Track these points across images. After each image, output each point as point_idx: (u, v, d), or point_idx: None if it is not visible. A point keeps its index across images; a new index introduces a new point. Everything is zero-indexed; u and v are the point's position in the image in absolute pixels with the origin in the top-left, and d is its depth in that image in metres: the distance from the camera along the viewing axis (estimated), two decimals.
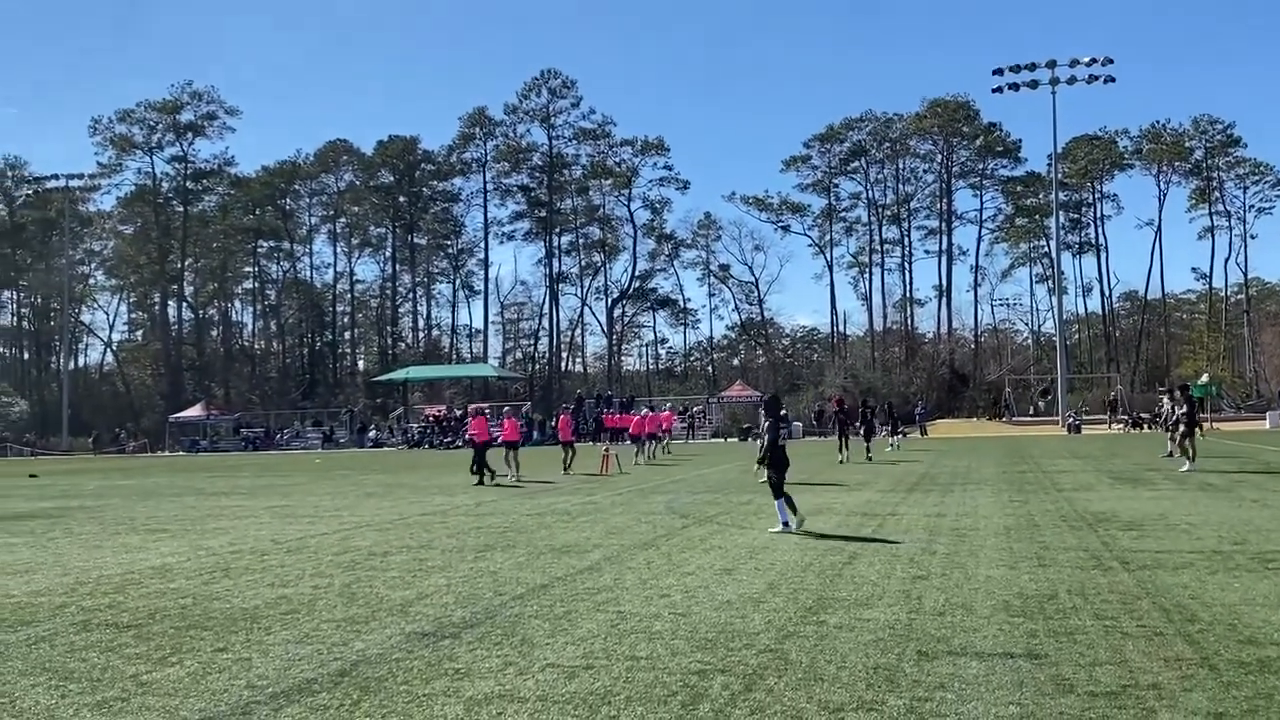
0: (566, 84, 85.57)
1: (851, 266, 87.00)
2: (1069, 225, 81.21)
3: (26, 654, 6.83)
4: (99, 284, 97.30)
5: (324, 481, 25.91)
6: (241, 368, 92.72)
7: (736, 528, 12.92)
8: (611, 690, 5.58)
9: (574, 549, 11.30)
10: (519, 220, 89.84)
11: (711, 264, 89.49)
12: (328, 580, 9.54)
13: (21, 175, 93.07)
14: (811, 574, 9.13)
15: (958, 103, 79.61)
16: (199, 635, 7.25)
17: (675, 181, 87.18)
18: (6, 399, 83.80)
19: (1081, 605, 7.53)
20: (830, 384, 66.74)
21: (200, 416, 69.80)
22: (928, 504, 15.32)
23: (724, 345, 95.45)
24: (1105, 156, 79.80)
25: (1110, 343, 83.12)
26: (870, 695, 5.37)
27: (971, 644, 6.43)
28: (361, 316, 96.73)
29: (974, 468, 23.88)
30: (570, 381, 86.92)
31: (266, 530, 14.19)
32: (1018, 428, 55.04)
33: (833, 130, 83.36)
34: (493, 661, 6.26)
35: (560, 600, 8.20)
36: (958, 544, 10.86)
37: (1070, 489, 17.45)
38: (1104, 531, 11.65)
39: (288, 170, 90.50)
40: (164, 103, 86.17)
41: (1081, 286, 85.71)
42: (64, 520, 16.82)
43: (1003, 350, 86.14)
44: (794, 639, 6.65)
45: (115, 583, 9.77)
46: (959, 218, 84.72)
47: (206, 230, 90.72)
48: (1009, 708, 5.12)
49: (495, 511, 16.08)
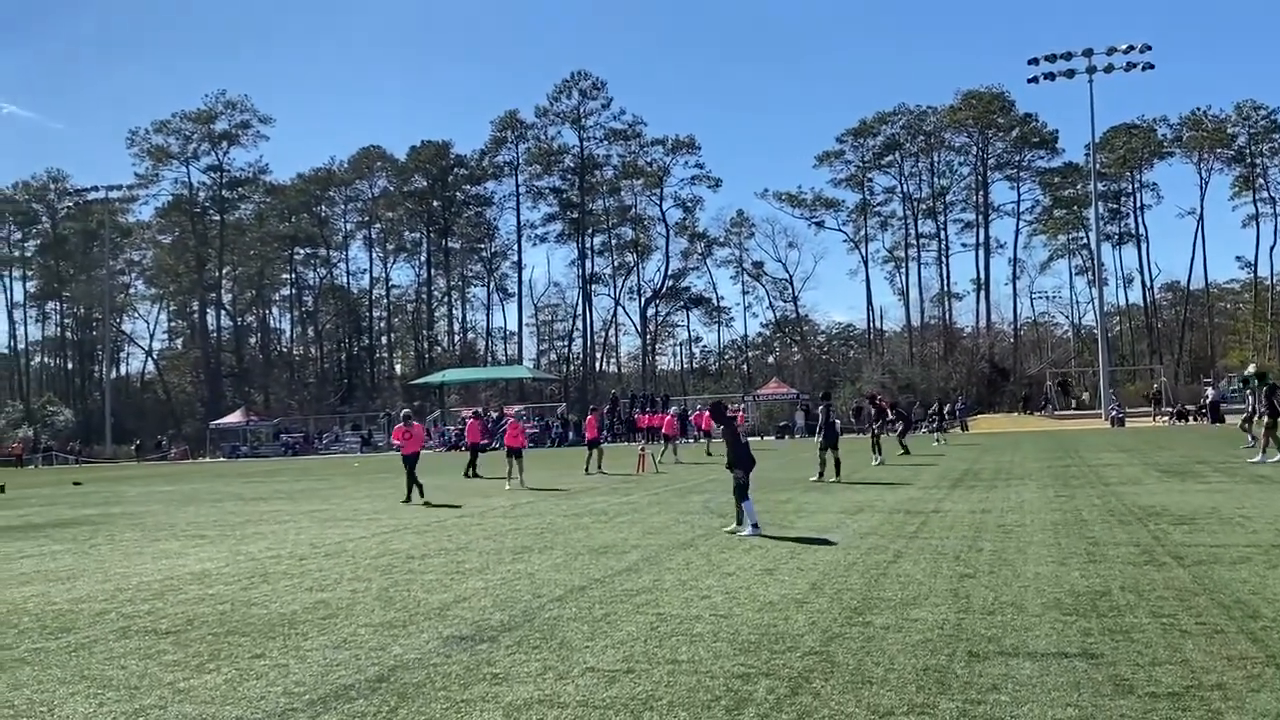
0: (597, 85, 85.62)
1: (887, 261, 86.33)
2: (1108, 216, 79.96)
3: (66, 661, 6.81)
4: (139, 293, 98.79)
5: (362, 485, 26.00)
6: (280, 374, 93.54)
7: (776, 526, 12.74)
8: (654, 695, 5.45)
9: (612, 550, 11.18)
10: (551, 222, 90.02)
11: (745, 262, 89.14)
12: (365, 584, 9.49)
13: (63, 188, 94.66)
14: (855, 573, 8.94)
15: (993, 94, 78.60)
16: (237, 641, 7.20)
17: (707, 180, 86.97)
18: (52, 408, 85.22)
19: (1136, 602, 7.31)
20: (868, 380, 66.16)
21: (240, 422, 70.54)
22: (972, 500, 15.05)
23: (759, 343, 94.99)
24: (1144, 145, 78.48)
25: (1153, 334, 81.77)
26: (921, 698, 5.20)
27: (1024, 644, 6.23)
28: (398, 321, 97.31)
29: (1017, 463, 23.50)
30: (605, 382, 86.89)
31: (305, 535, 14.20)
32: (1059, 422, 54.27)
33: (866, 124, 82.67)
34: (532, 666, 6.16)
35: (599, 602, 8.08)
36: (1004, 541, 10.63)
37: (1117, 483, 17.09)
38: (1155, 526, 11.35)
39: (322, 177, 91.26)
40: (198, 113, 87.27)
41: (1122, 278, 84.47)
42: (106, 527, 16.96)
43: (1043, 344, 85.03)
44: (839, 640, 6.48)
45: (155, 589, 9.78)
46: (996, 210, 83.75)
47: (243, 238, 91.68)
48: (1066, 710, 4.94)
49: (532, 513, 16.00)
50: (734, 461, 12.11)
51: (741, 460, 12.09)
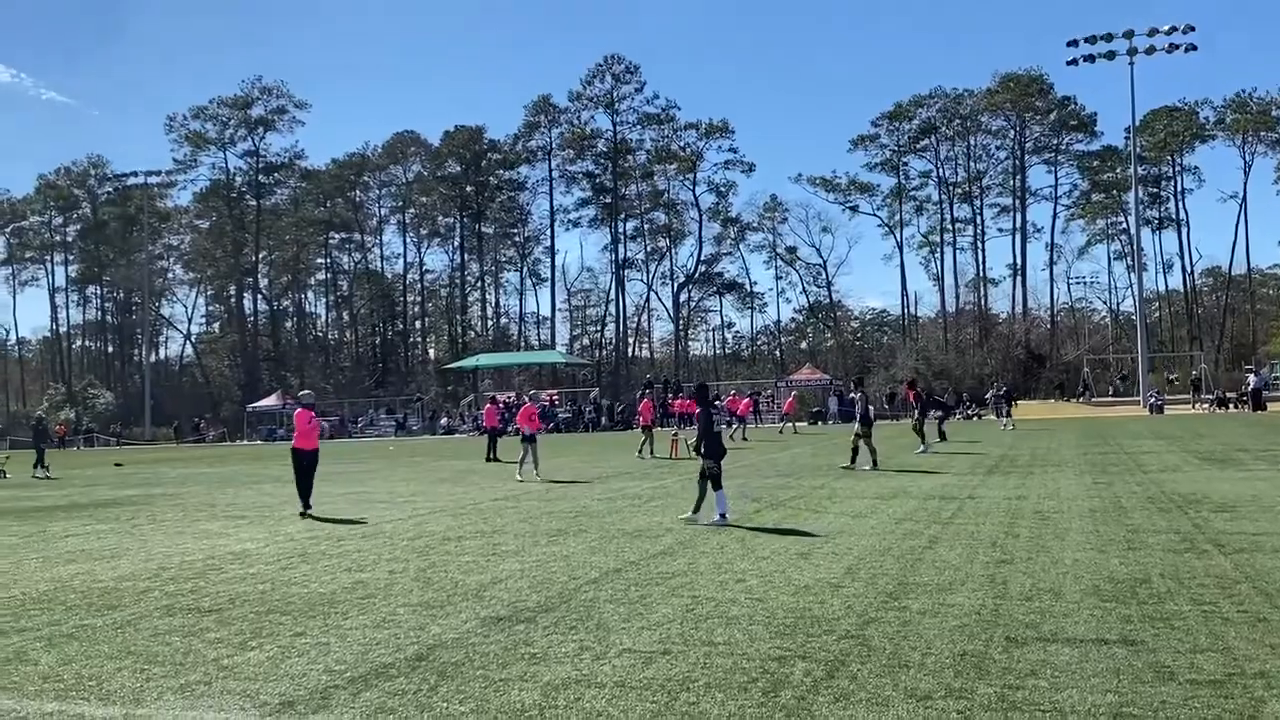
0: (630, 69, 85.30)
1: (922, 246, 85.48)
2: (1148, 200, 78.71)
3: (113, 638, 6.95)
4: (177, 278, 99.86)
5: (398, 468, 26.22)
6: (316, 357, 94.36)
7: (811, 512, 12.74)
8: (690, 676, 5.48)
9: (646, 533, 11.22)
10: (584, 207, 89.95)
11: (778, 247, 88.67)
12: (403, 565, 9.59)
13: (103, 173, 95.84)
14: (890, 558, 8.92)
15: (1030, 77, 77.51)
16: (278, 620, 7.31)
17: (740, 164, 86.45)
18: (93, 391, 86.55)
19: (1177, 590, 7.24)
20: (902, 366, 65.74)
21: (277, 406, 71.23)
22: (1008, 487, 14.94)
23: (792, 328, 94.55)
24: (1186, 128, 77.12)
25: (1193, 320, 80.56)
26: (959, 683, 5.19)
27: (1062, 630, 6.20)
28: (431, 306, 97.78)
29: (1054, 449, 23.29)
30: (637, 367, 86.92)
31: (343, 516, 14.35)
32: (1097, 408, 53.68)
33: (901, 108, 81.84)
34: (568, 646, 6.20)
35: (634, 585, 8.12)
36: (1041, 527, 10.55)
37: (1156, 470, 16.90)
38: (1195, 513, 11.23)
39: (357, 162, 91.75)
40: (235, 98, 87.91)
41: (1162, 263, 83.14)
42: (148, 507, 17.23)
43: (1080, 330, 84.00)
44: (876, 625, 6.48)
45: (197, 568, 9.94)
46: (1033, 195, 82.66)
47: (279, 223, 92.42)
48: (1106, 696, 4.91)
49: (566, 496, 16.08)
50: (705, 449, 11.77)
51: (712, 449, 11.78)
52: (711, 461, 11.72)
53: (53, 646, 6.75)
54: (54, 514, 16.72)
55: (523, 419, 20.96)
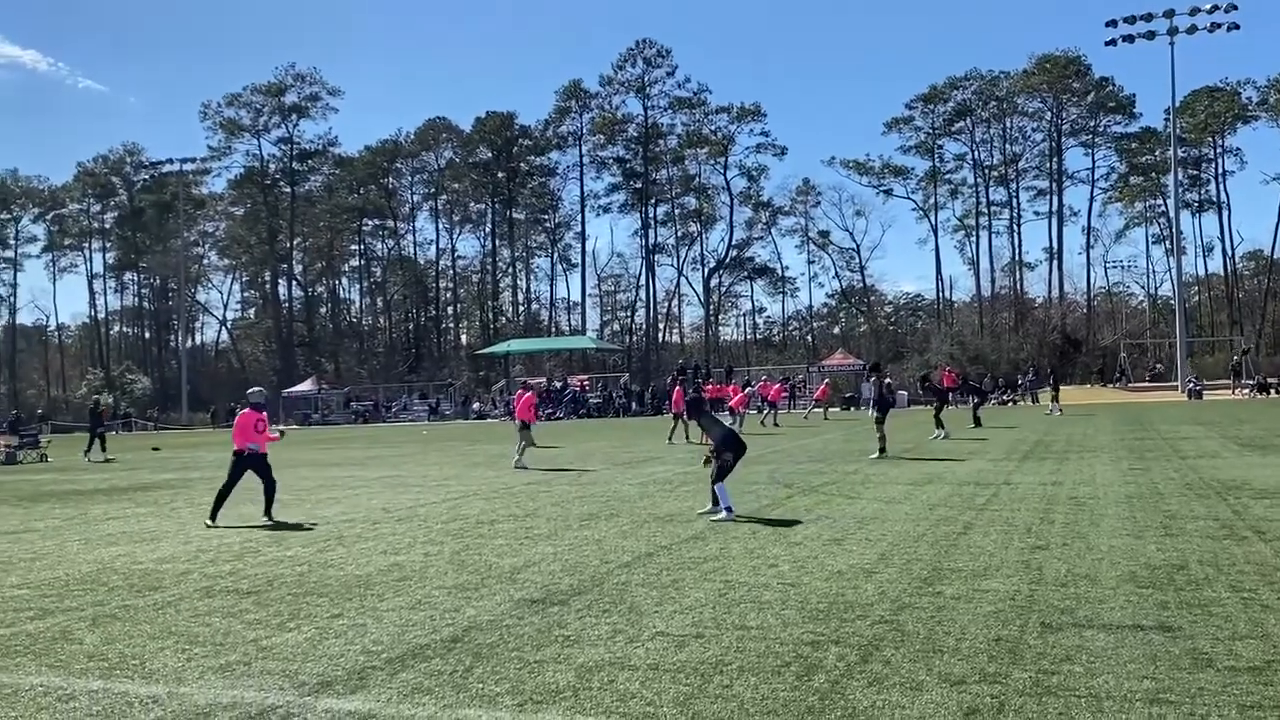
0: (661, 53, 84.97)
1: (957, 230, 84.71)
2: (1188, 182, 77.45)
3: (154, 618, 7.07)
4: (213, 264, 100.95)
5: (431, 452, 26.42)
6: (350, 343, 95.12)
7: (843, 497, 12.71)
8: (723, 660, 5.50)
9: (678, 518, 11.25)
10: (615, 192, 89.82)
11: (810, 231, 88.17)
12: (438, 548, 9.68)
13: (139, 161, 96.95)
14: (924, 544, 8.89)
15: (1068, 58, 76.40)
16: (315, 601, 7.41)
17: (772, 148, 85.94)
18: (130, 376, 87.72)
19: (1215, 576, 7.17)
20: (936, 351, 65.28)
21: (312, 391, 72.03)
22: (1043, 473, 14.83)
23: (824, 313, 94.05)
24: (1228, 109, 75.73)
25: (1233, 304, 79.30)
26: (993, 668, 5.18)
27: (1098, 616, 6.16)
28: (463, 291, 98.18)
29: (1090, 435, 23.07)
30: (668, 352, 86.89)
31: (378, 500, 14.50)
32: (1134, 394, 53.07)
33: (936, 90, 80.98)
34: (602, 629, 6.24)
35: (666, 569, 8.15)
36: (1077, 513, 10.47)
37: (1194, 456, 16.70)
38: (1234, 500, 11.09)
39: (389, 149, 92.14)
40: (269, 85, 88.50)
41: (1201, 246, 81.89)
42: (186, 491, 17.49)
43: (1117, 314, 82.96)
44: (909, 610, 6.47)
45: (235, 550, 10.08)
46: (1070, 177, 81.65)
47: (313, 210, 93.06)
48: (1142, 682, 4.88)
49: (598, 481, 16.14)
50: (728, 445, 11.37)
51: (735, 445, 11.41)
52: (731, 455, 11.25)
53: (96, 626, 6.88)
54: (94, 497, 17.01)
55: (522, 409, 20.52)
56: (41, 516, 14.14)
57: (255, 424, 12.47)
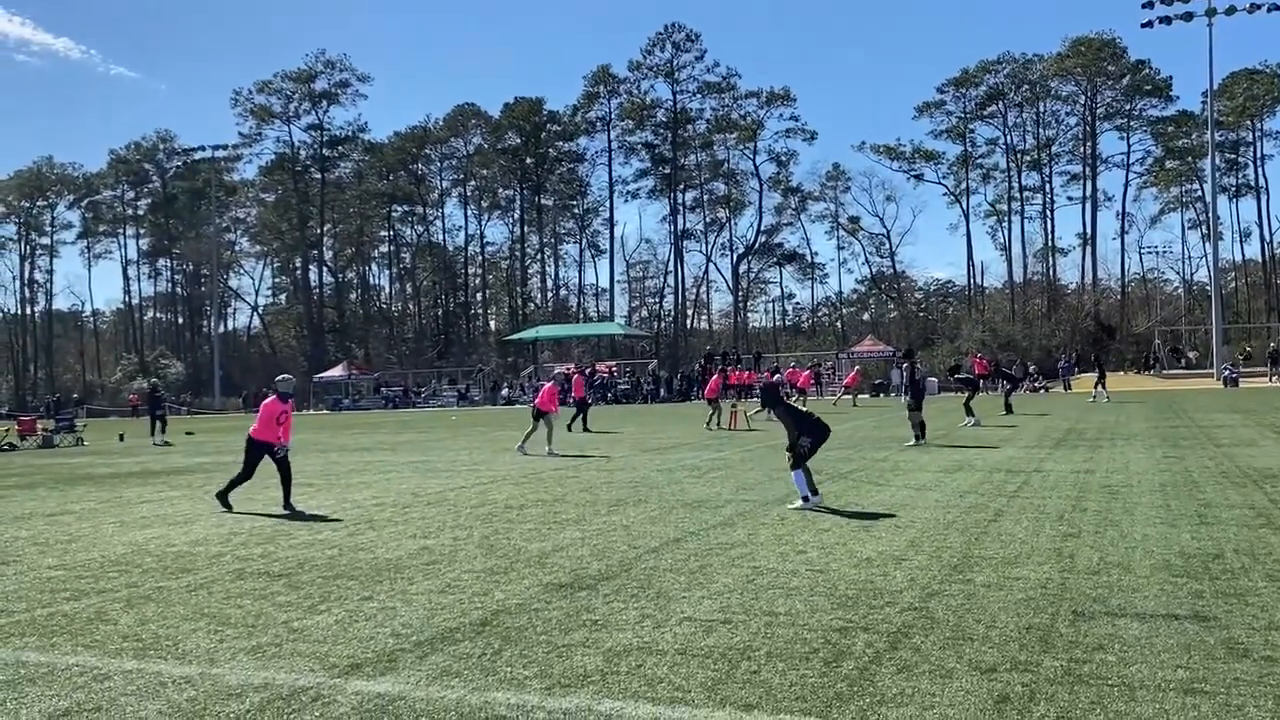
0: (690, 37, 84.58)
1: (989, 215, 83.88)
2: (1225, 167, 76.32)
3: (187, 600, 7.16)
4: (244, 250, 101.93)
5: (460, 437, 26.55)
6: (380, 329, 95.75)
7: (872, 484, 12.65)
8: (751, 645, 5.49)
9: (706, 504, 11.24)
10: (643, 178, 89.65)
11: (840, 216, 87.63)
12: (467, 532, 9.73)
13: (171, 148, 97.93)
14: (955, 532, 8.83)
15: (1103, 40, 75.30)
16: (346, 585, 7.46)
17: (802, 133, 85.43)
18: (164, 361, 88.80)
19: (1251, 565, 7.07)
20: (967, 338, 64.76)
21: (342, 376, 72.57)
22: (1075, 460, 14.68)
23: (853, 300, 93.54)
24: (1267, 92, 74.41)
25: (1271, 290, 78.08)
26: (1024, 656, 5.14)
27: (1131, 604, 6.09)
28: (492, 278, 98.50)
29: (1123, 422, 22.82)
30: (696, 338, 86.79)
31: (408, 484, 14.59)
32: (1168, 381, 52.43)
33: (968, 74, 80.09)
34: (630, 614, 6.25)
35: (694, 555, 8.15)
36: (1110, 501, 10.36)
37: (1229, 444, 16.48)
38: (1271, 489, 10.94)
39: (418, 135, 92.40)
40: (299, 72, 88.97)
41: (1239, 231, 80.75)
42: (218, 475, 17.64)
43: (1152, 300, 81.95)
44: (939, 597, 6.43)
45: (267, 534, 10.18)
46: (1104, 162, 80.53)
47: (343, 196, 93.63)
48: (1176, 671, 4.82)
49: (626, 467, 16.15)
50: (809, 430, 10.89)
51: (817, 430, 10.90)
52: (810, 440, 10.81)
53: (131, 607, 6.97)
54: (128, 480, 17.23)
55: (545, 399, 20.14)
56: (78, 499, 14.35)
57: (279, 415, 12.09)
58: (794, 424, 10.90)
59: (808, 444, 10.80)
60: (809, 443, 10.80)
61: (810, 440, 10.81)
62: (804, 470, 10.75)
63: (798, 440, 10.77)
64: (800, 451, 10.76)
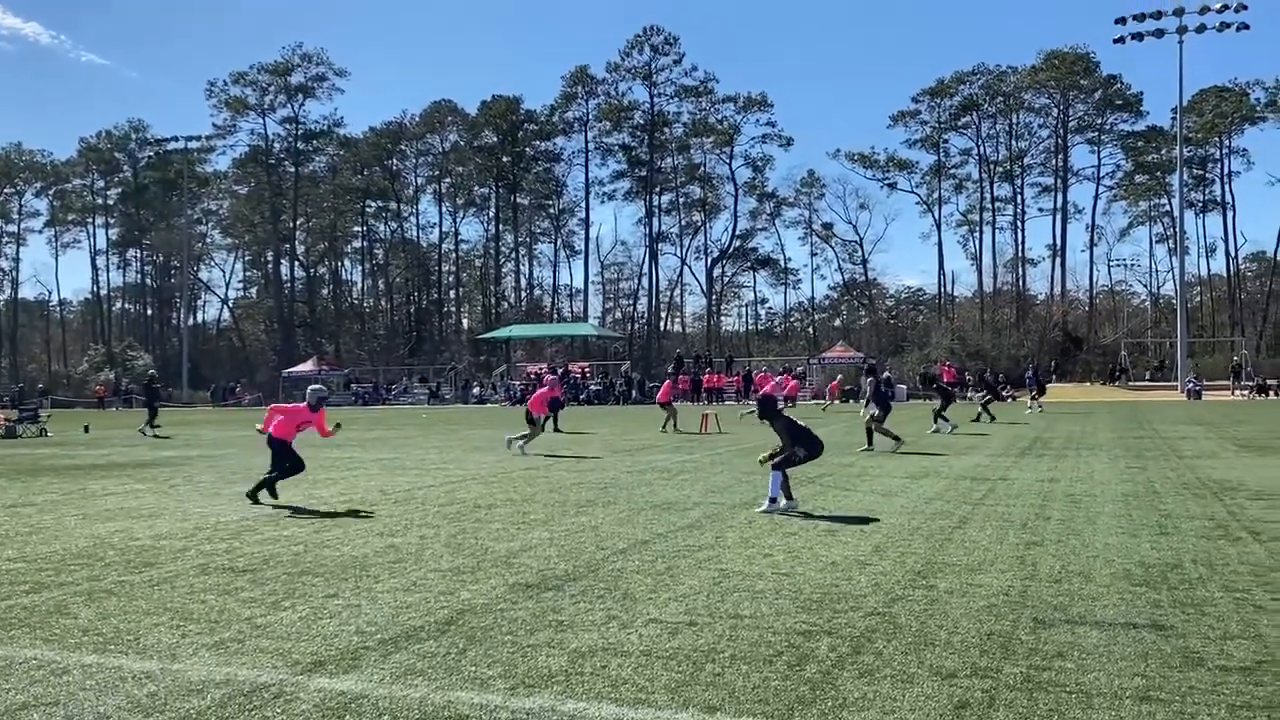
0: (669, 40, 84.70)
1: (961, 225, 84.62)
2: (1193, 183, 77.34)
3: (150, 594, 7.09)
4: (216, 243, 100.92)
5: (431, 436, 26.45)
6: (351, 325, 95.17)
7: (840, 489, 12.73)
8: (715, 648, 5.51)
9: (674, 506, 11.26)
10: (620, 179, 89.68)
11: (814, 223, 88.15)
12: (434, 531, 9.70)
13: (143, 138, 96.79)
14: (919, 537, 8.91)
15: (1076, 54, 76.20)
16: (310, 581, 7.42)
17: (778, 138, 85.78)
18: (132, 352, 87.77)
19: (1209, 576, 7.18)
20: (937, 346, 65.27)
21: (312, 371, 71.95)
22: (1040, 469, 14.84)
23: (826, 306, 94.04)
24: (1235, 110, 75.52)
25: (1235, 305, 79.24)
26: (985, 662, 5.19)
27: (1091, 612, 6.17)
28: (466, 276, 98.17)
29: (1088, 432, 23.09)
30: (669, 341, 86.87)
31: (375, 482, 14.52)
32: (1133, 393, 53.08)
33: (943, 84, 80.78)
34: (596, 615, 6.26)
35: (662, 556, 8.17)
36: (1073, 510, 10.49)
37: (1192, 456, 16.72)
38: (1230, 500, 11.11)
39: (394, 131, 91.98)
40: (276, 65, 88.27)
41: (1205, 246, 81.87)
42: (185, 468, 17.51)
43: (1119, 312, 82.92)
44: (902, 602, 6.48)
45: (232, 529, 10.10)
46: (1075, 175, 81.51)
47: (317, 190, 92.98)
48: (1133, 679, 4.90)
49: (596, 468, 16.16)
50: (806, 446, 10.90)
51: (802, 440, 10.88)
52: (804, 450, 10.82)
53: (92, 601, 6.90)
54: (93, 472, 17.03)
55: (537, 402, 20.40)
56: (40, 491, 14.17)
57: (300, 425, 12.33)
58: (790, 438, 10.90)
59: (802, 454, 10.87)
60: (803, 453, 10.87)
61: (805, 451, 10.86)
62: (784, 475, 10.76)
63: (792, 451, 10.80)
64: (793, 459, 10.81)
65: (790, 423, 11.08)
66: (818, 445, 11.00)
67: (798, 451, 10.82)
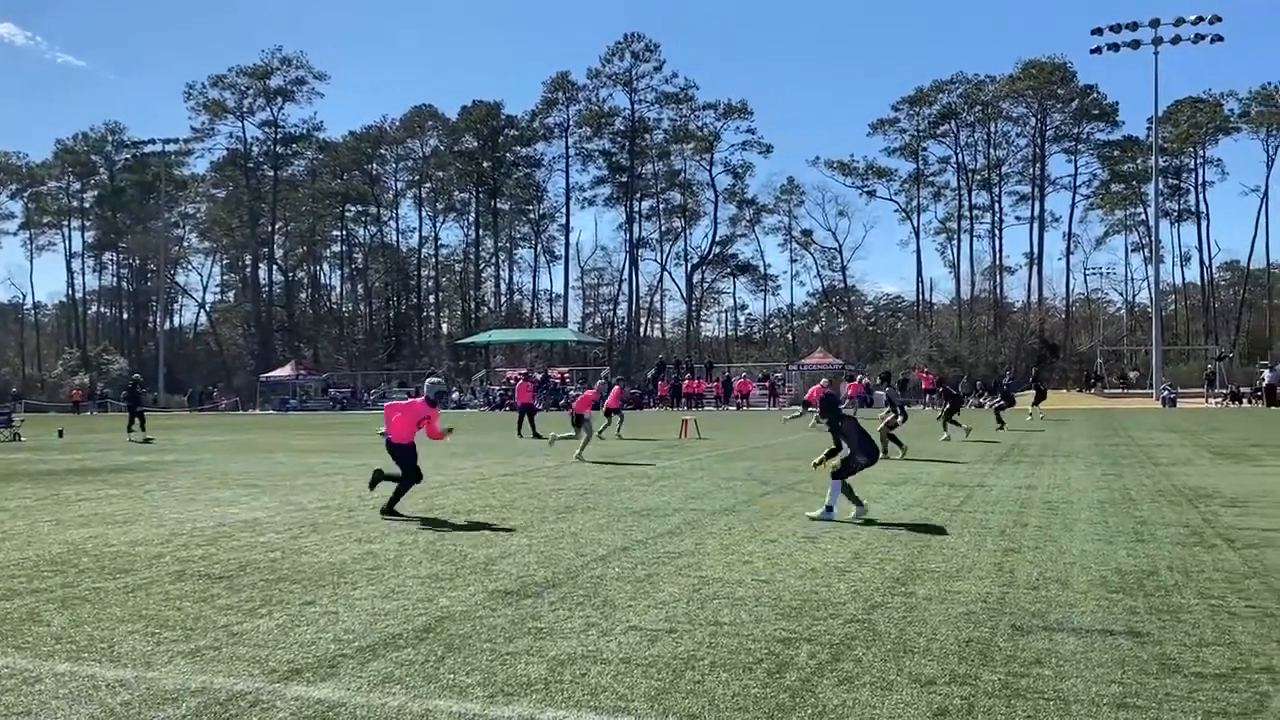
0: (650, 47, 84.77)
1: (939, 233, 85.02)
2: (1168, 192, 78.05)
3: (124, 601, 7.02)
4: (193, 246, 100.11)
5: None
6: (330, 329, 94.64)
7: (820, 495, 12.73)
8: (695, 655, 5.51)
9: (654, 513, 11.26)
10: (600, 185, 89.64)
11: (793, 229, 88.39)
12: (412, 537, 9.65)
13: (120, 140, 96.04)
14: (898, 544, 8.94)
15: (1054, 64, 76.81)
16: (288, 588, 7.37)
17: (758, 145, 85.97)
18: (108, 356, 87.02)
19: (1184, 583, 7.24)
20: (915, 353, 65.59)
21: (290, 376, 71.55)
22: (1018, 476, 14.92)
23: (805, 312, 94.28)
24: (1210, 120, 76.32)
25: (1209, 314, 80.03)
26: (963, 669, 5.21)
27: (1068, 619, 6.21)
28: (445, 280, 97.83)
29: (1065, 440, 23.24)
30: (649, 346, 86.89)
31: (354, 487, 14.44)
32: (1109, 400, 53.49)
33: (922, 93, 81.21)
34: (575, 622, 6.24)
35: (641, 563, 8.16)
36: (1050, 517, 10.55)
37: (1167, 463, 16.85)
38: (1205, 508, 11.20)
39: (374, 135, 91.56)
40: (255, 68, 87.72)
41: (1179, 255, 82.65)
42: (160, 474, 17.35)
43: (1095, 320, 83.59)
44: (882, 610, 6.50)
45: (208, 535, 10.02)
46: (1052, 183, 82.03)
47: (296, 194, 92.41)
48: (1110, 686, 4.92)
49: (575, 474, 16.13)
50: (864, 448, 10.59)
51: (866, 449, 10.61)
52: (865, 458, 10.55)
53: (66, 608, 6.82)
54: (67, 478, 16.86)
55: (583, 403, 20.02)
56: (12, 496, 14.01)
57: (419, 421, 11.43)
58: (857, 440, 10.48)
59: (864, 462, 10.54)
60: (864, 460, 10.54)
61: (866, 459, 10.55)
62: (844, 483, 10.48)
63: (856, 457, 10.47)
64: (853, 466, 10.50)
65: (856, 425, 10.68)
66: (876, 452, 10.81)
67: (858, 459, 10.48)
